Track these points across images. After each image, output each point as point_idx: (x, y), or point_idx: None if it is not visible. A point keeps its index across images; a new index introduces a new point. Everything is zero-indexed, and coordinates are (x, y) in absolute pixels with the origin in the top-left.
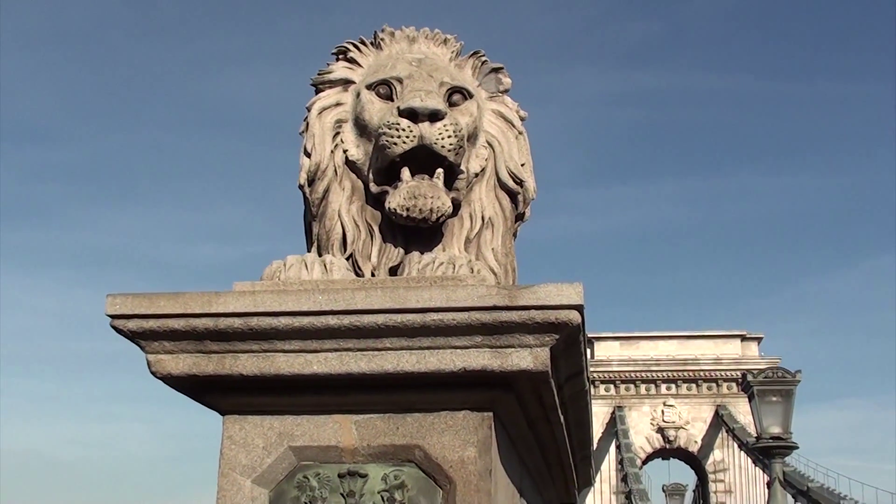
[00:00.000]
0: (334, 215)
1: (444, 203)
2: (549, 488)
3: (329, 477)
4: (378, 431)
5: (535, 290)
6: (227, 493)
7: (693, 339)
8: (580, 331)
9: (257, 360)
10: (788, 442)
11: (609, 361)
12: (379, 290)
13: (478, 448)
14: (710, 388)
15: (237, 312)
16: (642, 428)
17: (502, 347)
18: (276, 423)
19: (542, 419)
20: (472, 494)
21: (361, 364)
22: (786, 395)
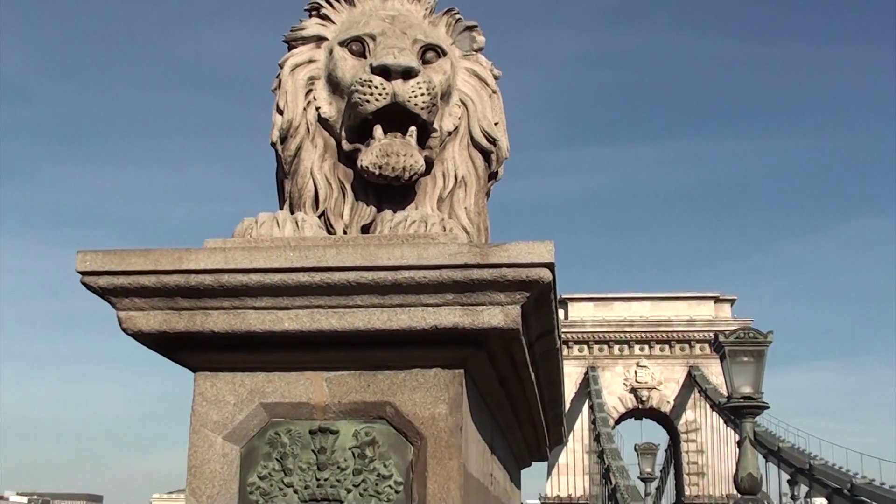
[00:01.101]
0: (306, 173)
1: (416, 161)
2: (520, 446)
3: (300, 433)
4: (349, 388)
5: (506, 249)
6: (198, 449)
7: (666, 301)
8: (551, 289)
9: (228, 317)
10: (759, 402)
11: (583, 322)
12: (350, 248)
13: (449, 405)
14: (682, 350)
15: (208, 269)
16: (615, 388)
17: (473, 305)
18: (247, 380)
19: (514, 377)
20: (442, 450)
21: (332, 321)
22: (757, 356)
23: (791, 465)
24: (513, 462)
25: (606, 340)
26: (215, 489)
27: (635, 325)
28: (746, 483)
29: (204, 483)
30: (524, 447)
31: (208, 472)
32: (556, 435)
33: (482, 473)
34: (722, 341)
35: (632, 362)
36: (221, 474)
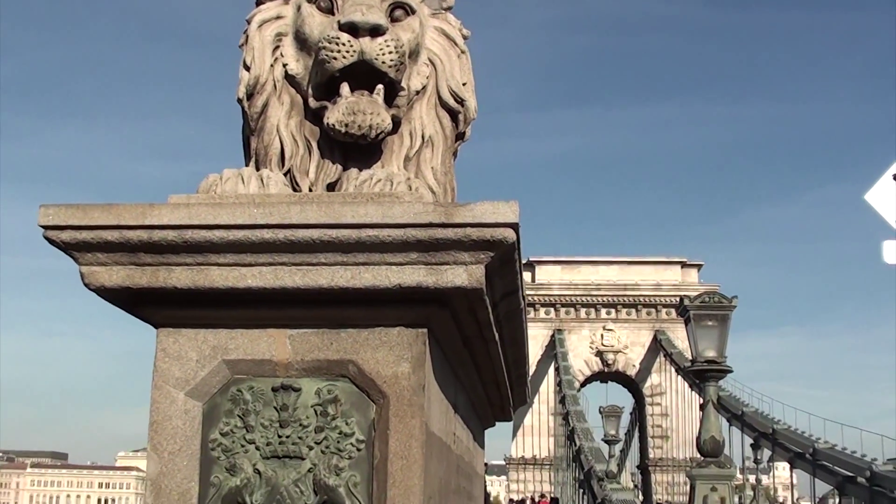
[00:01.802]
0: (273, 130)
1: (383, 120)
2: (484, 406)
3: (263, 390)
4: (312, 346)
5: (471, 208)
6: (160, 405)
7: (634, 265)
8: (515, 249)
9: (191, 273)
10: (722, 366)
11: (550, 285)
12: (314, 205)
13: (412, 364)
14: (649, 314)
15: (171, 225)
16: (581, 351)
17: (437, 264)
18: (210, 337)
19: (477, 336)
20: (405, 409)
21: (296, 278)
22: (721, 320)
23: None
24: (476, 422)
25: (573, 303)
26: (177, 445)
27: (602, 289)
28: (709, 446)
29: (166, 439)
30: (488, 407)
31: (170, 429)
32: (519, 395)
33: (445, 432)
34: (687, 305)
35: (598, 325)
36: (183, 430)
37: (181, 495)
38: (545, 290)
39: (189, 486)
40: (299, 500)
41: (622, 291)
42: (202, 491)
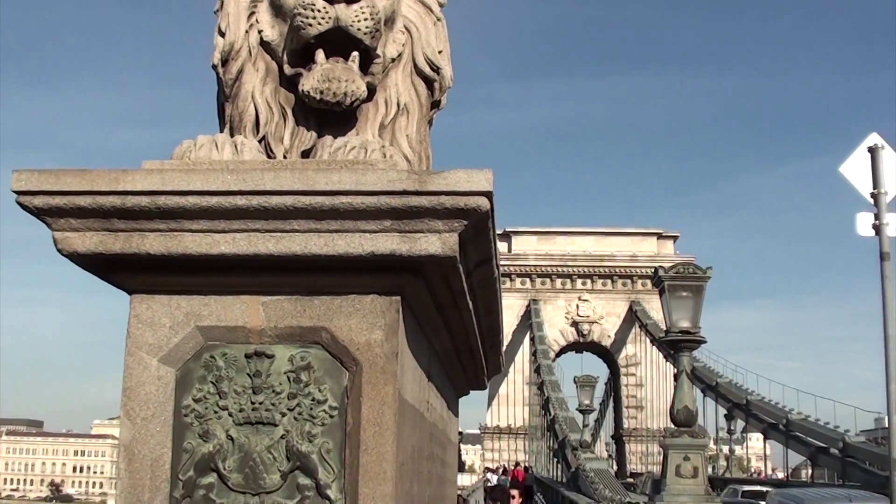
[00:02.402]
0: (247, 96)
1: (358, 87)
2: (458, 374)
3: (236, 357)
4: (285, 313)
5: (445, 176)
6: (133, 371)
7: (610, 236)
8: (489, 217)
9: (165, 240)
10: (696, 336)
11: (526, 255)
12: (288, 172)
13: (385, 331)
14: (624, 285)
15: (145, 191)
16: (557, 321)
17: (411, 232)
18: (183, 303)
19: (451, 304)
20: (378, 376)
21: (269, 245)
22: (696, 291)
23: (728, 400)
24: (450, 390)
25: (549, 274)
26: (150, 411)
27: (578, 260)
28: (682, 416)
29: (139, 405)
30: (462, 375)
31: (143, 395)
32: (494, 364)
33: (418, 400)
34: (661, 276)
35: (574, 296)
36: (156, 396)
37: (154, 461)
38: (521, 260)
39: (162, 451)
40: (272, 467)
41: (598, 262)
42: (175, 457)
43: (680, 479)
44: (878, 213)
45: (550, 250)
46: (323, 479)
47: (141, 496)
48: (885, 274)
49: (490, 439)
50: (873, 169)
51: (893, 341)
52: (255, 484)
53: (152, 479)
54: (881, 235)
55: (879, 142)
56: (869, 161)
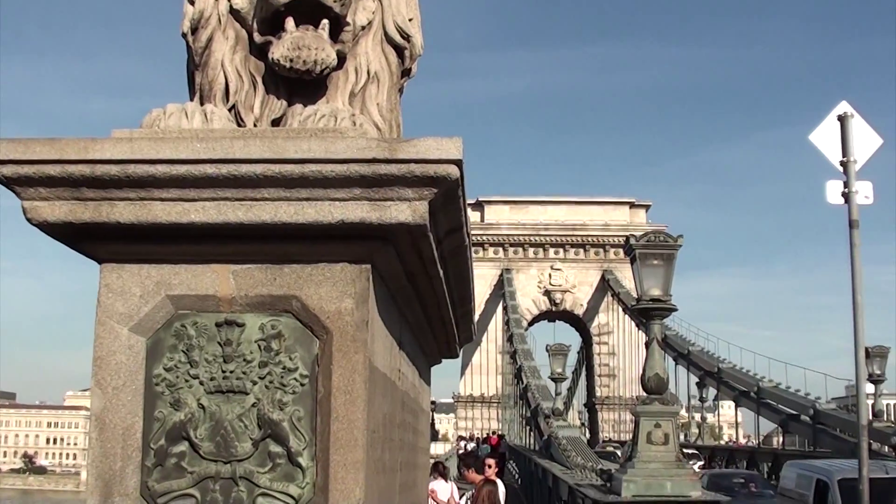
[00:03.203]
0: (217, 65)
1: (328, 55)
2: (429, 342)
3: (206, 326)
4: (256, 281)
5: (414, 144)
6: (104, 340)
7: (582, 205)
8: (459, 185)
9: (134, 208)
10: (668, 304)
11: (498, 224)
12: (258, 140)
13: (355, 299)
14: (597, 254)
15: (114, 159)
16: (529, 290)
17: (381, 200)
18: (153, 272)
19: (422, 273)
20: (348, 345)
21: (239, 214)
22: (667, 259)
23: (700, 368)
24: (422, 359)
25: (521, 243)
26: (121, 380)
27: (551, 229)
28: (653, 383)
29: (109, 374)
30: (434, 344)
31: (114, 364)
32: (465, 333)
33: (389, 368)
34: (633, 244)
35: (546, 265)
36: (127, 366)
37: (125, 430)
38: (494, 229)
39: (133, 420)
40: (243, 435)
41: (570, 231)
42: (146, 426)
43: (651, 445)
44: (847, 182)
45: (523, 219)
46: (294, 447)
47: (112, 465)
48: (853, 242)
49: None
50: (842, 137)
51: (862, 308)
52: (227, 452)
53: (124, 448)
54: (850, 203)
55: (849, 110)
56: (838, 129)
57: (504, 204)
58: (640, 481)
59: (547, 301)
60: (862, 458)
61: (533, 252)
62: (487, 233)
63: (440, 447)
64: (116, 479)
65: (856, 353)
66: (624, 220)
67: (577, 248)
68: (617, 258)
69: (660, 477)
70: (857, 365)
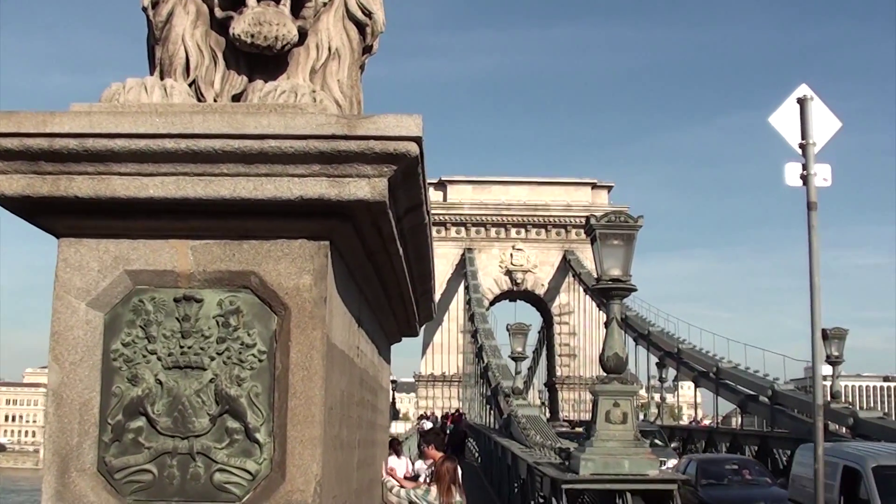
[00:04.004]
0: (178, 39)
1: (289, 31)
2: (389, 320)
3: (164, 301)
4: (214, 257)
5: (374, 121)
6: (61, 315)
7: (544, 186)
8: (419, 163)
9: (93, 183)
10: (627, 284)
11: (461, 204)
12: (217, 115)
13: (314, 276)
14: (558, 234)
15: (73, 133)
16: (491, 270)
17: (340, 177)
18: (111, 247)
19: (381, 250)
20: (306, 321)
21: (198, 189)
22: (627, 239)
23: (660, 348)
24: (382, 337)
25: (483, 223)
26: (78, 356)
27: (512, 209)
28: (612, 362)
29: (67, 349)
30: (394, 322)
31: (71, 339)
32: (425, 311)
33: (348, 345)
34: (593, 224)
35: (508, 245)
36: (85, 341)
37: (82, 405)
38: (456, 209)
39: (90, 396)
40: (201, 411)
41: (532, 211)
42: (104, 401)
43: (609, 424)
44: (805, 164)
45: (485, 199)
46: (252, 423)
47: (69, 440)
48: (811, 224)
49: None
50: (802, 120)
51: (819, 290)
52: (184, 427)
53: (81, 424)
54: (809, 185)
55: (809, 93)
56: (798, 112)
57: (466, 184)
58: (598, 460)
59: (508, 281)
60: (817, 438)
61: (495, 232)
62: (450, 212)
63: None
64: (73, 454)
65: (812, 333)
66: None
67: (538, 229)
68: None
69: (618, 455)
70: (813, 345)
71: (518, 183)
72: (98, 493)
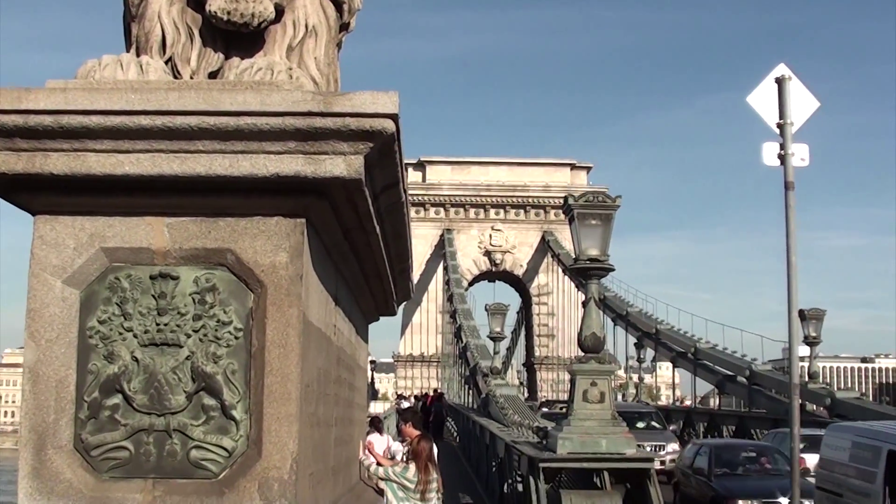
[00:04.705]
0: (154, 16)
1: (266, 8)
2: (367, 299)
3: (141, 278)
4: (190, 234)
5: (350, 98)
6: (37, 292)
7: (523, 167)
8: (395, 140)
9: (68, 160)
10: (605, 264)
11: (440, 185)
12: (193, 92)
13: (290, 253)
14: (537, 215)
15: (48, 110)
16: (470, 251)
17: (316, 154)
18: (87, 224)
19: (358, 228)
20: (282, 298)
21: (174, 166)
22: (605, 219)
23: (638, 329)
24: (359, 316)
25: (463, 204)
26: (54, 333)
27: (492, 190)
28: (590, 342)
29: (43, 326)
30: (371, 301)
31: (47, 316)
32: (403, 290)
33: (325, 323)
34: (571, 204)
35: (487, 226)
36: (61, 318)
37: (59, 382)
38: (435, 190)
39: (67, 373)
40: (177, 388)
41: (511, 192)
42: (80, 378)
43: (587, 403)
44: (783, 143)
45: (464, 180)
46: (228, 400)
47: (46, 417)
48: (789, 203)
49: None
50: (780, 99)
51: (795, 269)
52: (160, 405)
53: (57, 401)
54: (786, 165)
55: (787, 73)
56: (776, 92)
57: (446, 164)
58: (575, 439)
59: (487, 261)
60: (793, 417)
61: (474, 212)
62: (429, 193)
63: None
64: (50, 431)
65: (789, 311)
66: (565, 181)
67: (517, 209)
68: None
69: (595, 435)
70: (790, 323)
71: (497, 164)
72: (74, 469)
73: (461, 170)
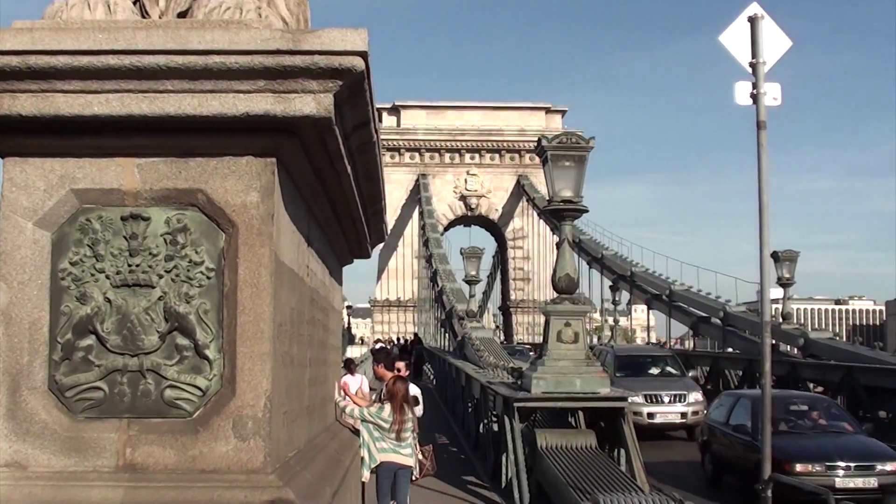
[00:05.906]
0: None
1: None
2: (340, 241)
3: (112, 220)
4: (161, 175)
5: (319, 35)
6: (8, 235)
7: (498, 111)
8: (365, 78)
9: (36, 101)
10: (579, 205)
11: (415, 129)
12: (160, 31)
13: (261, 193)
14: (512, 159)
15: (14, 50)
16: (445, 195)
17: (285, 92)
18: (57, 166)
19: (329, 168)
20: (254, 238)
21: (143, 106)
22: (578, 161)
23: (613, 272)
24: (333, 257)
25: (438, 148)
26: (26, 275)
27: (467, 134)
28: (564, 283)
29: (15, 269)
30: (345, 243)
31: (19, 259)
32: (377, 232)
33: (297, 264)
34: (545, 145)
35: (462, 170)
36: (32, 260)
37: (32, 324)
38: (410, 134)
39: (39, 315)
40: (150, 328)
41: (486, 136)
42: (53, 320)
43: (561, 344)
44: (755, 83)
45: (439, 125)
46: (201, 340)
47: (20, 359)
48: (761, 142)
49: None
50: (752, 39)
51: (767, 208)
52: (134, 345)
53: (31, 343)
54: (758, 105)
55: (759, 12)
56: (749, 31)
57: (420, 108)
58: (549, 379)
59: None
60: (765, 354)
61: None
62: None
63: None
64: (24, 373)
65: (761, 250)
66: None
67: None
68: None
69: (569, 374)
70: (762, 261)
71: (472, 108)
72: (49, 410)
73: (436, 114)
